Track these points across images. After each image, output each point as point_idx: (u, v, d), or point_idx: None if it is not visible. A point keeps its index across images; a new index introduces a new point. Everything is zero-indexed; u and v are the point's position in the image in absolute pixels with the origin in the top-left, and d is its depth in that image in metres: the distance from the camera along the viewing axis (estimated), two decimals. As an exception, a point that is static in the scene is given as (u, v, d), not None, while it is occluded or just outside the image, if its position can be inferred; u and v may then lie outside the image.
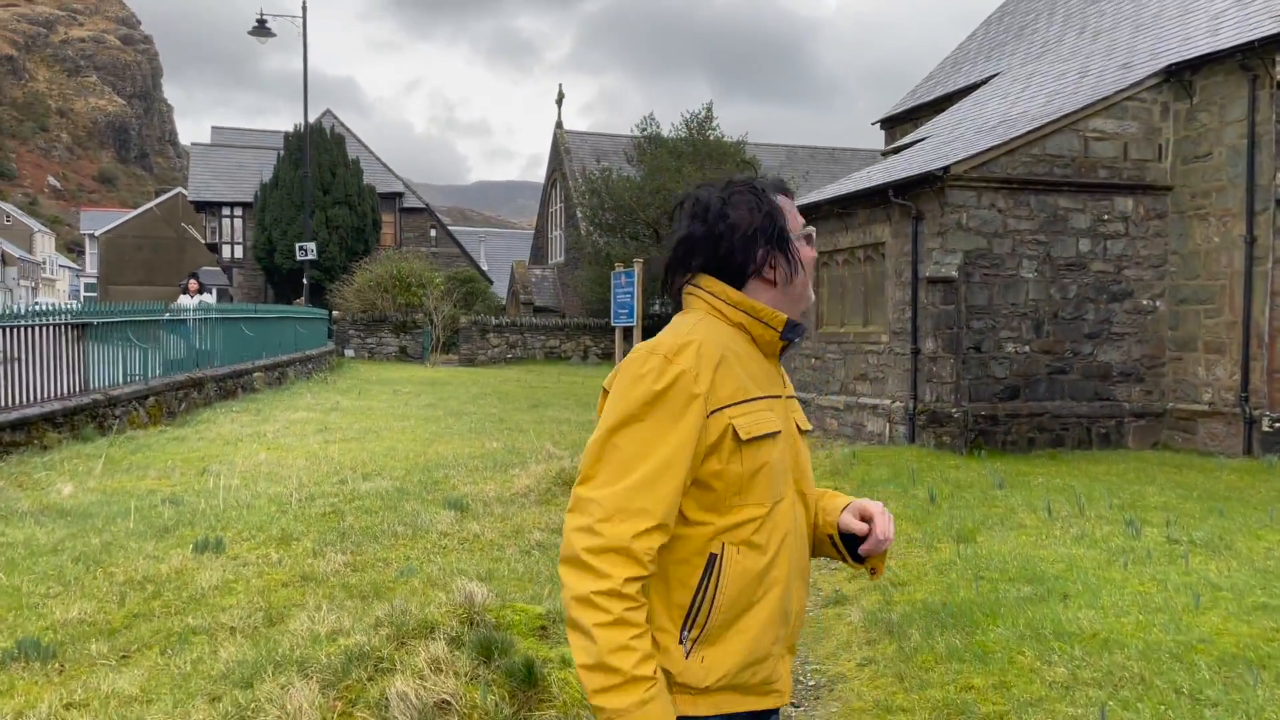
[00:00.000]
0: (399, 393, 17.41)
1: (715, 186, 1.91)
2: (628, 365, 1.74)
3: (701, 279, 1.87)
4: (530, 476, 7.91)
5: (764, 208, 1.85)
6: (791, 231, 1.89)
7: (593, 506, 1.67)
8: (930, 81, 24.44)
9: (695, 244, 1.85)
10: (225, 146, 50.14)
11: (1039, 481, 9.35)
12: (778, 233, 1.85)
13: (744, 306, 1.85)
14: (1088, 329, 12.99)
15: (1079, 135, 12.86)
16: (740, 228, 1.82)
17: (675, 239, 1.89)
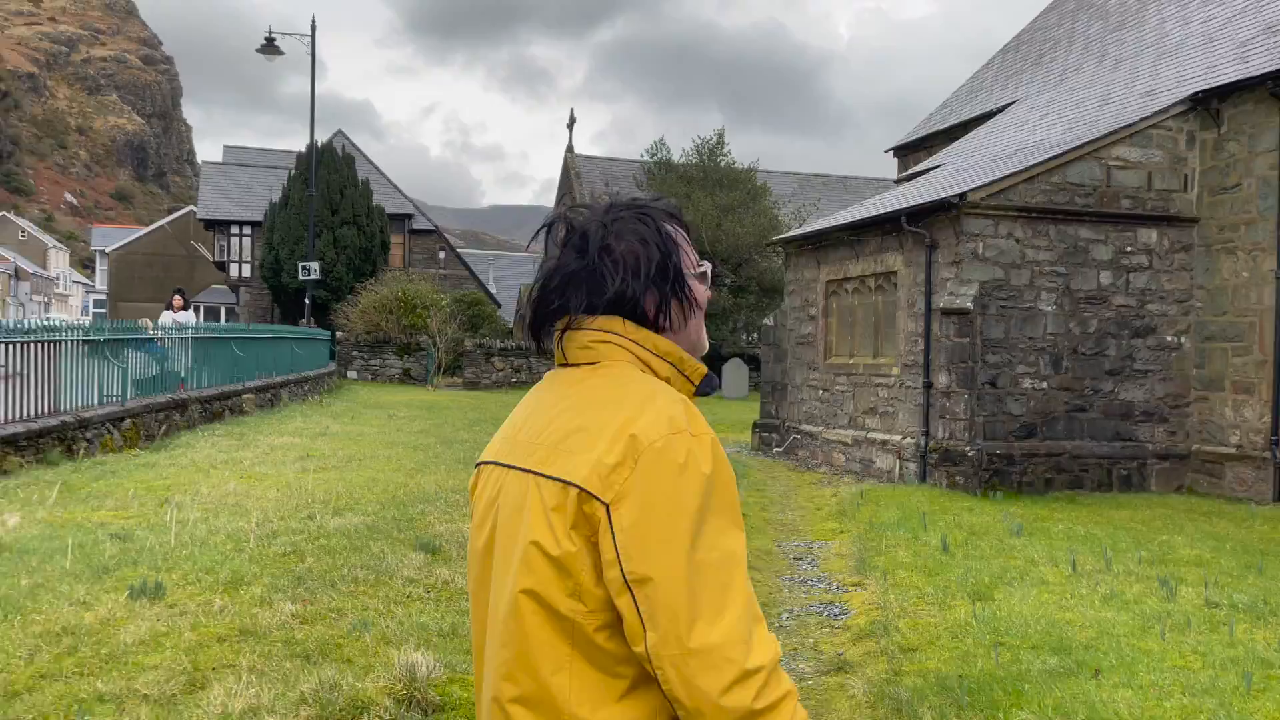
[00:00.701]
0: (394, 417, 16.90)
1: (594, 209, 1.54)
2: (659, 459, 1.34)
3: (617, 323, 1.49)
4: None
5: (654, 239, 1.50)
6: (686, 268, 1.55)
7: (731, 650, 1.29)
8: (945, 109, 23.98)
9: (571, 279, 1.48)
10: (237, 165, 50.11)
11: (1059, 529, 8.74)
12: (673, 270, 1.51)
13: (672, 358, 1.51)
14: (1109, 365, 12.39)
15: (1101, 164, 12.33)
16: (626, 263, 1.48)
17: (546, 270, 1.52)
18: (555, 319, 1.51)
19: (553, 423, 1.45)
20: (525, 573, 1.37)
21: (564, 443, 1.41)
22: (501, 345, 33.20)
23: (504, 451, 1.53)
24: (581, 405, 1.44)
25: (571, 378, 1.50)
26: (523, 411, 1.58)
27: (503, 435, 1.58)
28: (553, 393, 1.53)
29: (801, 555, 8.03)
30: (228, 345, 15.39)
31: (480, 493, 1.55)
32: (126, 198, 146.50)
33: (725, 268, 31.03)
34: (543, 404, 1.52)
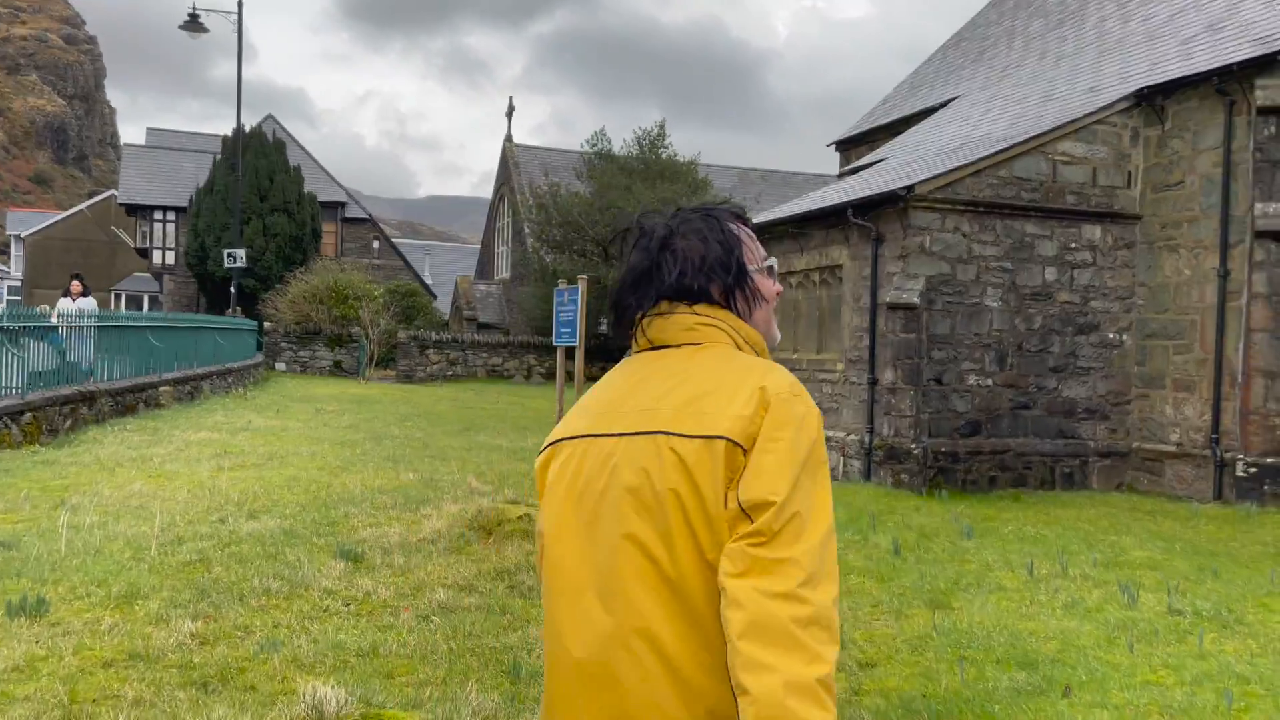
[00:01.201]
0: (321, 411, 16.21)
1: (664, 214, 1.73)
2: (783, 407, 1.52)
3: (720, 310, 1.65)
4: (443, 518, 6.88)
5: (716, 236, 1.66)
6: (750, 264, 1.70)
7: (792, 569, 1.42)
8: (887, 104, 23.92)
9: (641, 277, 1.66)
10: (161, 149, 48.34)
11: (1009, 530, 8.53)
12: (735, 264, 1.66)
13: (757, 346, 1.70)
14: (1053, 362, 12.30)
15: (1047, 158, 12.21)
16: (688, 257, 1.64)
17: (624, 269, 1.70)
18: (633, 314, 1.64)
19: (674, 391, 1.56)
20: (659, 522, 1.48)
21: (692, 405, 1.52)
22: (436, 337, 32.44)
23: (606, 423, 1.59)
24: (704, 375, 1.56)
25: (679, 355, 1.61)
26: (620, 387, 1.64)
27: (597, 410, 1.63)
28: (657, 368, 1.62)
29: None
30: (142, 334, 14.56)
31: (567, 466, 1.60)
32: (46, 181, 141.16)
33: (665, 261, 30.70)
34: (650, 377, 1.60)
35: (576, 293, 16.85)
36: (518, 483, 9.22)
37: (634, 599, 1.47)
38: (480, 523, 6.69)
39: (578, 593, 1.53)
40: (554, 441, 1.65)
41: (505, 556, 6.19)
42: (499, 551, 6.29)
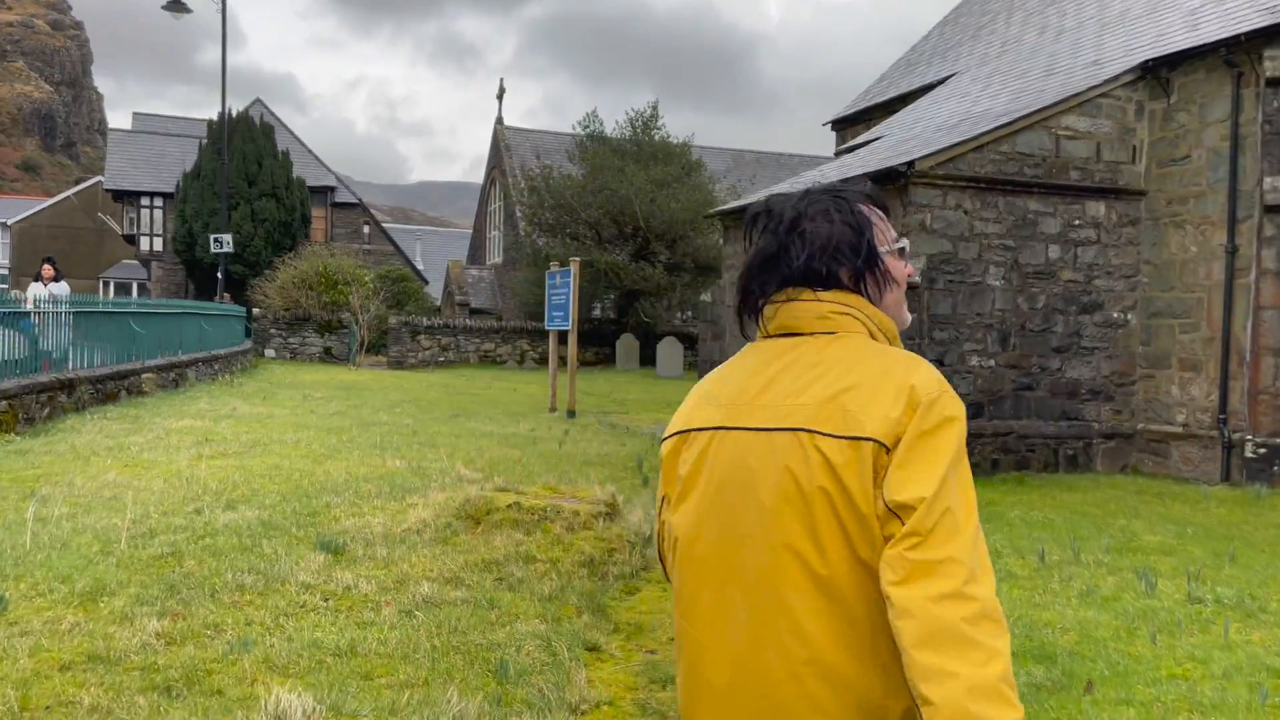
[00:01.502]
0: (309, 398, 15.89)
1: (791, 196, 1.68)
2: (932, 408, 1.47)
3: (853, 297, 1.60)
4: (429, 507, 6.59)
5: (846, 218, 1.62)
6: (880, 245, 1.66)
7: (953, 567, 1.37)
8: (884, 82, 23.57)
9: (768, 260, 1.62)
10: (147, 133, 47.77)
11: (1015, 514, 8.28)
12: (866, 246, 1.61)
13: (890, 334, 1.65)
14: (1056, 342, 12.04)
15: (1050, 133, 11.91)
16: (815, 240, 1.59)
17: (749, 255, 1.65)
18: (757, 299, 1.62)
19: (813, 385, 1.52)
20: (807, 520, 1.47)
21: (835, 402, 1.49)
22: (428, 323, 32.07)
23: (742, 416, 1.56)
24: (843, 369, 1.52)
25: (814, 345, 1.57)
26: (751, 377, 1.60)
27: (728, 400, 1.60)
28: (792, 359, 1.57)
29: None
30: (123, 320, 14.21)
31: (703, 459, 1.57)
32: (34, 168, 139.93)
33: (659, 244, 30.37)
34: (787, 369, 1.57)
35: (569, 275, 16.53)
36: (508, 469, 8.93)
37: (783, 596, 1.47)
38: (468, 512, 6.40)
39: (720, 589, 1.53)
40: (683, 430, 1.63)
41: (494, 547, 5.91)
42: (487, 542, 6.01)
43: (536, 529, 6.22)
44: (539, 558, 5.81)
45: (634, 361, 30.72)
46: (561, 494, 7.03)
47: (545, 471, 9.05)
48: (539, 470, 9.12)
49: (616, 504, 6.85)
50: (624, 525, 6.53)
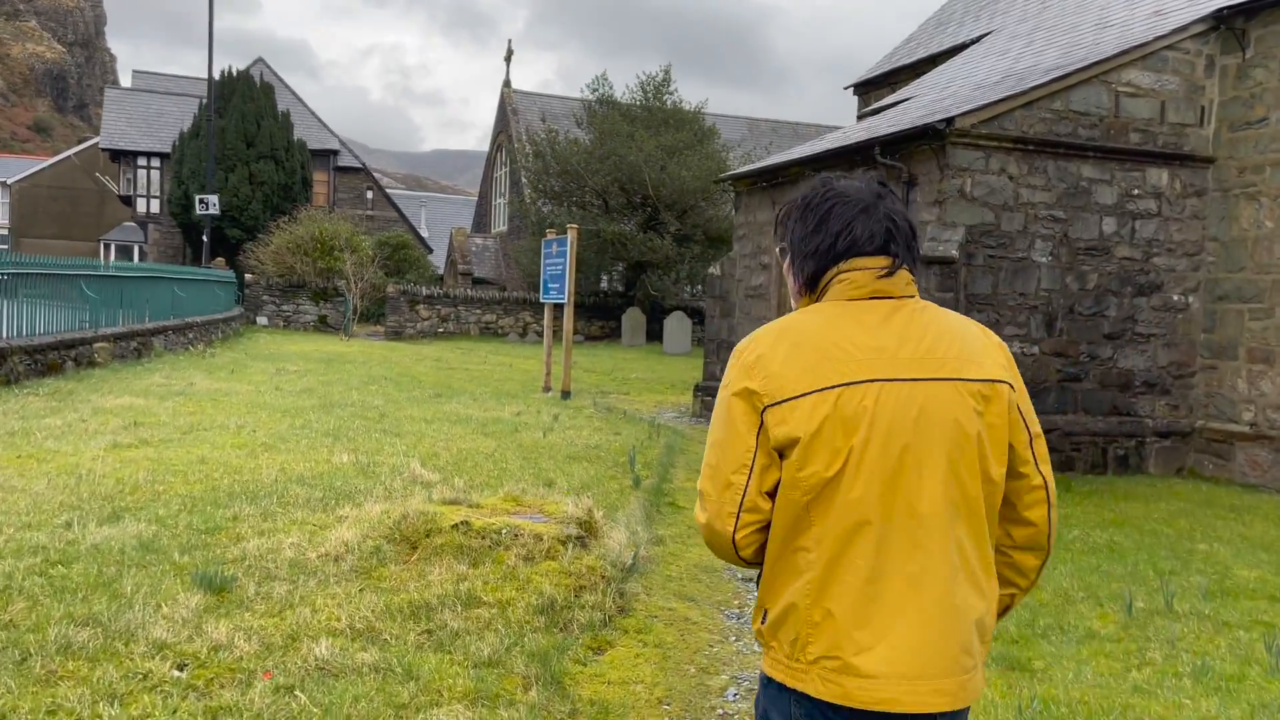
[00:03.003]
0: (282, 371, 14.64)
1: (848, 181, 1.96)
2: (1012, 358, 1.92)
3: (908, 270, 1.91)
4: (358, 524, 5.31)
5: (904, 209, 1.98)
6: None
7: None
8: (911, 43, 22.01)
9: (899, 232, 1.90)
10: (146, 92, 46.45)
11: (1074, 534, 6.96)
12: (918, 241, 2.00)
13: None
14: (1108, 328, 10.65)
15: (1109, 89, 10.47)
16: (902, 221, 1.93)
17: (836, 226, 1.87)
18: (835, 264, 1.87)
19: (940, 340, 1.81)
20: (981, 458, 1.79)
21: (966, 353, 1.82)
22: (427, 292, 30.78)
23: (891, 368, 1.77)
24: (953, 327, 1.85)
25: (914, 306, 1.85)
26: (876, 333, 1.79)
27: (861, 356, 1.77)
28: (906, 318, 1.82)
29: (754, 575, 6.12)
30: (75, 283, 12.95)
31: (863, 409, 1.74)
32: (45, 129, 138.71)
33: (669, 214, 28.91)
34: (912, 329, 1.81)
35: (566, 244, 15.18)
36: (474, 468, 7.64)
37: (953, 524, 1.76)
38: (403, 532, 5.11)
39: (886, 522, 1.74)
40: (819, 389, 1.74)
41: (428, 584, 4.63)
42: (421, 575, 4.72)
43: (486, 558, 4.93)
44: (484, 599, 4.53)
45: (640, 336, 29.39)
46: (525, 507, 5.73)
47: (520, 470, 7.76)
48: (512, 468, 7.83)
49: (593, 521, 5.55)
50: (600, 552, 5.23)
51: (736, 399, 1.78)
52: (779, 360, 1.76)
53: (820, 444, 1.72)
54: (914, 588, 1.73)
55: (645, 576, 5.48)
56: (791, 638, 1.76)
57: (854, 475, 1.72)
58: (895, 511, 1.72)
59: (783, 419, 1.74)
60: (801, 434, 1.72)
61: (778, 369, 1.75)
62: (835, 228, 1.83)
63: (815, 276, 1.85)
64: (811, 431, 1.72)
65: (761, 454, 1.76)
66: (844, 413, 1.72)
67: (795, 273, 1.91)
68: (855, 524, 1.72)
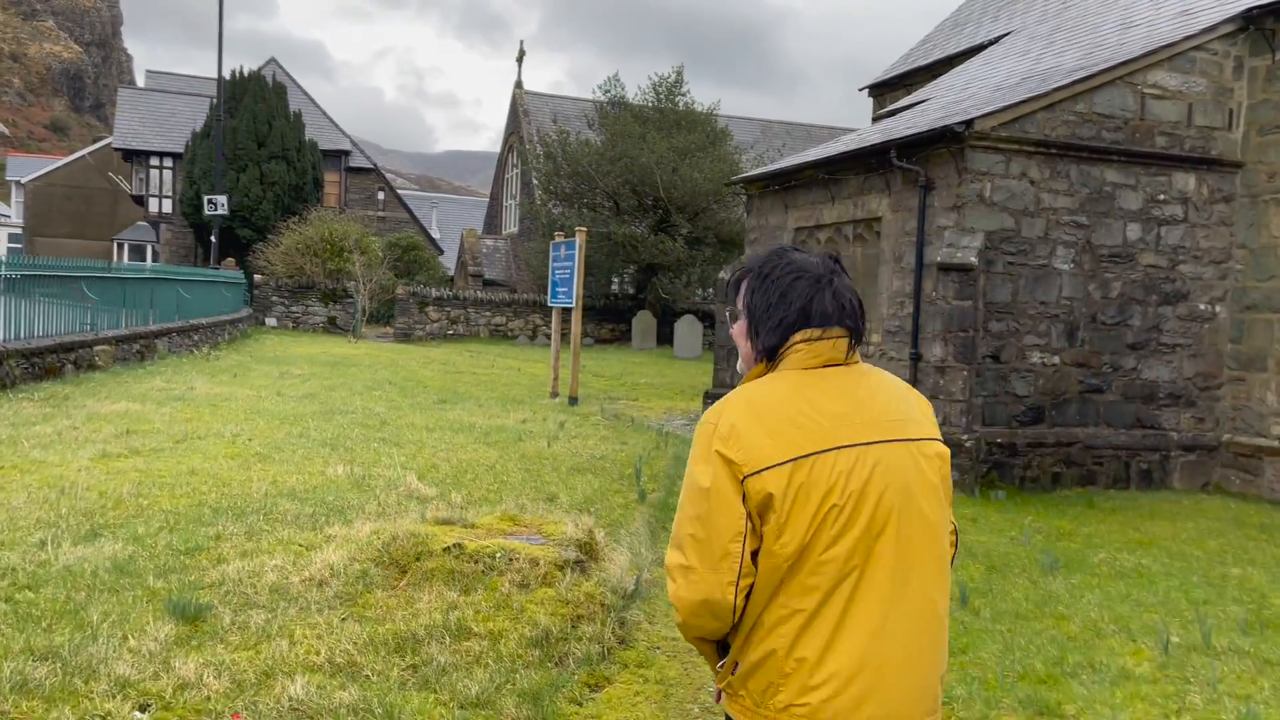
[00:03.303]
0: (286, 375, 14.42)
1: (806, 256, 2.03)
2: None
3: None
4: (345, 546, 5.04)
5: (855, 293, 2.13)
6: None
7: None
8: (927, 44, 21.67)
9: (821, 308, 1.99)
10: (159, 91, 46.44)
11: (1099, 558, 6.63)
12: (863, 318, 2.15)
13: None
14: (1131, 337, 10.31)
15: (1135, 91, 10.13)
16: (851, 295, 2.05)
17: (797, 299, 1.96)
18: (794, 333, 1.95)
19: (891, 405, 1.93)
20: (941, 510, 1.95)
21: (911, 417, 1.94)
22: (437, 294, 30.57)
23: (855, 434, 1.86)
24: (895, 391, 1.98)
25: (861, 370, 1.97)
26: (836, 400, 1.89)
27: (828, 423, 1.86)
28: (858, 383, 1.94)
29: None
30: (76, 285, 12.76)
31: (834, 475, 1.82)
32: (62, 129, 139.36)
33: (680, 216, 28.62)
34: (860, 391, 1.92)
35: (574, 247, 14.91)
36: (474, 481, 7.38)
37: (927, 576, 1.89)
38: (393, 555, 4.84)
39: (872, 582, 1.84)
40: (794, 459, 1.81)
41: (416, 612, 4.36)
42: (409, 603, 4.45)
43: (479, 584, 4.65)
44: (475, 631, 4.25)
45: (650, 340, 29.11)
46: (523, 526, 5.46)
47: (521, 483, 7.49)
48: (514, 481, 7.56)
49: (594, 543, 5.27)
50: (599, 577, 4.95)
51: (717, 470, 1.82)
52: (752, 431, 1.82)
53: (798, 510, 1.79)
54: (886, 639, 1.82)
55: (648, 602, 5.20)
56: (762, 687, 1.84)
57: (831, 536, 1.80)
58: (872, 567, 1.82)
59: (761, 488, 1.79)
60: (779, 502, 1.79)
61: (752, 440, 1.81)
62: (799, 303, 1.91)
63: (776, 348, 1.93)
64: (791, 498, 1.79)
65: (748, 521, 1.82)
66: (818, 478, 1.80)
67: (754, 340, 1.98)
68: (833, 581, 1.81)
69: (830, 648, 1.81)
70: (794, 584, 1.81)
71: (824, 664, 1.80)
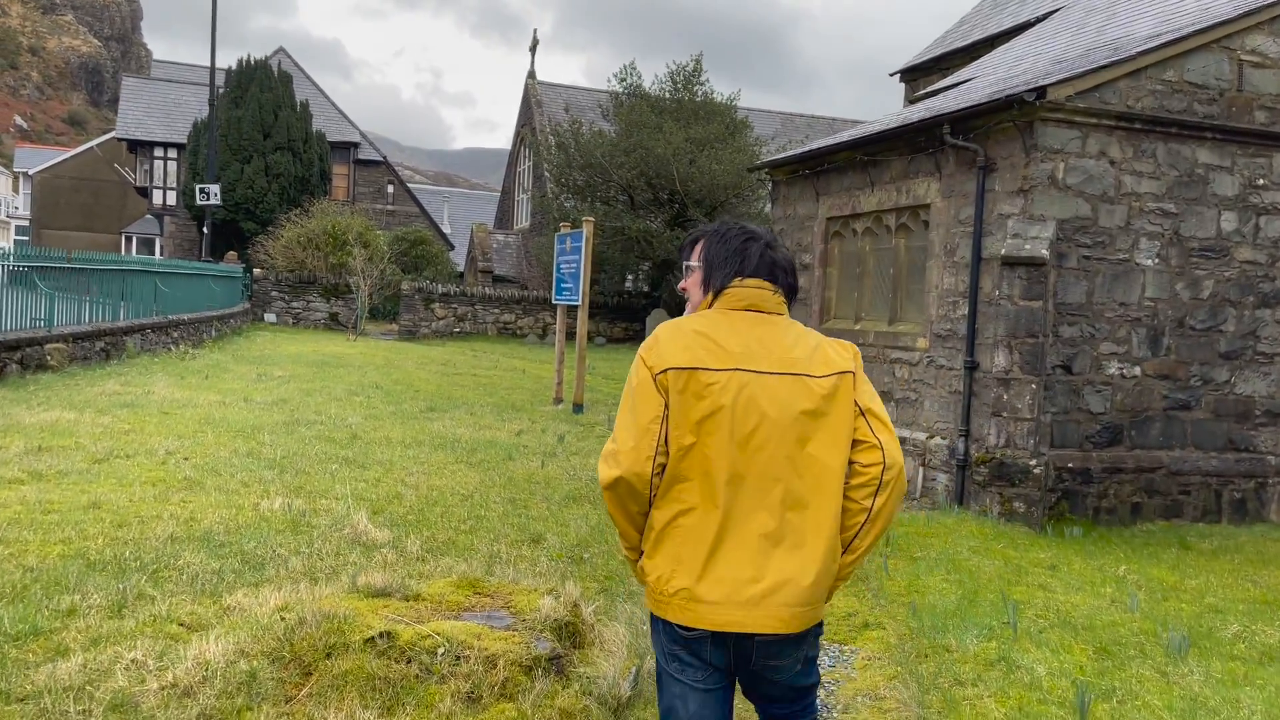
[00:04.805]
0: (264, 378, 13.12)
1: (750, 225, 2.52)
2: (857, 354, 2.50)
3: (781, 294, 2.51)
4: (241, 626, 3.68)
5: (788, 252, 2.58)
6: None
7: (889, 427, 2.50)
8: (965, 25, 20.20)
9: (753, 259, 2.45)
10: (164, 81, 45.38)
11: (1230, 631, 5.22)
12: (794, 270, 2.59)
13: None
14: (1225, 345, 8.86)
15: (1231, 57, 8.67)
16: (784, 256, 2.55)
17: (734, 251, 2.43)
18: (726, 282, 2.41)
19: (795, 344, 2.34)
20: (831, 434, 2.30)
21: (815, 354, 2.33)
22: (443, 290, 29.26)
23: (756, 362, 2.28)
24: (804, 338, 2.37)
25: (776, 321, 2.38)
26: (746, 336, 2.32)
27: (738, 350, 2.29)
28: (768, 329, 2.35)
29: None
30: (28, 277, 11.47)
31: (726, 389, 2.24)
32: (79, 123, 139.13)
33: (698, 210, 27.19)
34: (770, 337, 2.33)
35: (581, 238, 13.55)
36: (444, 515, 6.01)
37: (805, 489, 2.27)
38: (297, 647, 3.47)
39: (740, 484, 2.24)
40: (693, 368, 2.24)
41: (311, 747, 2.98)
42: (304, 730, 3.08)
43: (409, 697, 3.28)
44: (392, 780, 2.87)
45: (666, 340, 27.73)
46: (487, 596, 4.09)
47: (501, 520, 6.12)
48: (492, 516, 6.19)
49: (579, 625, 3.90)
50: (585, 679, 3.58)
51: (640, 369, 2.28)
52: (669, 344, 2.28)
53: (689, 406, 2.22)
54: (752, 535, 2.23)
55: (653, 704, 3.82)
56: (656, 575, 2.27)
57: (715, 440, 2.22)
58: (747, 473, 2.23)
59: (664, 382, 2.24)
60: (673, 397, 2.23)
61: (666, 349, 2.27)
62: (743, 257, 2.39)
63: (722, 289, 2.38)
64: (682, 395, 2.22)
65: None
66: (706, 386, 2.22)
67: (704, 285, 2.43)
68: (716, 482, 2.23)
69: (710, 544, 2.23)
70: (679, 485, 2.24)
71: (703, 558, 2.22)
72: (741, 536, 2.19)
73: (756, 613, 2.17)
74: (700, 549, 2.19)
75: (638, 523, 2.29)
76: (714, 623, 2.17)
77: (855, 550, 2.32)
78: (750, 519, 2.19)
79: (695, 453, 2.19)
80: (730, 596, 2.17)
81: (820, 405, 2.24)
